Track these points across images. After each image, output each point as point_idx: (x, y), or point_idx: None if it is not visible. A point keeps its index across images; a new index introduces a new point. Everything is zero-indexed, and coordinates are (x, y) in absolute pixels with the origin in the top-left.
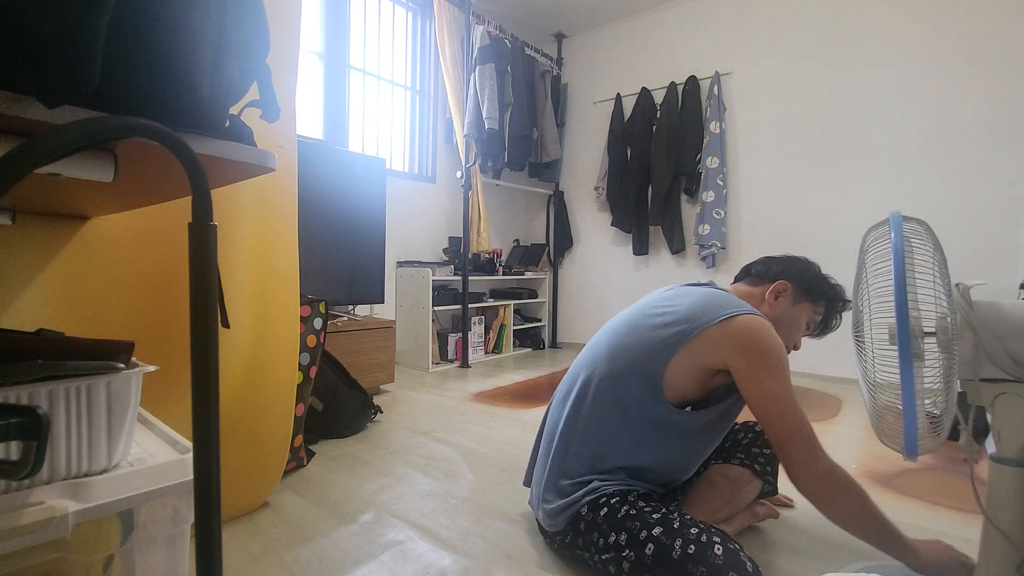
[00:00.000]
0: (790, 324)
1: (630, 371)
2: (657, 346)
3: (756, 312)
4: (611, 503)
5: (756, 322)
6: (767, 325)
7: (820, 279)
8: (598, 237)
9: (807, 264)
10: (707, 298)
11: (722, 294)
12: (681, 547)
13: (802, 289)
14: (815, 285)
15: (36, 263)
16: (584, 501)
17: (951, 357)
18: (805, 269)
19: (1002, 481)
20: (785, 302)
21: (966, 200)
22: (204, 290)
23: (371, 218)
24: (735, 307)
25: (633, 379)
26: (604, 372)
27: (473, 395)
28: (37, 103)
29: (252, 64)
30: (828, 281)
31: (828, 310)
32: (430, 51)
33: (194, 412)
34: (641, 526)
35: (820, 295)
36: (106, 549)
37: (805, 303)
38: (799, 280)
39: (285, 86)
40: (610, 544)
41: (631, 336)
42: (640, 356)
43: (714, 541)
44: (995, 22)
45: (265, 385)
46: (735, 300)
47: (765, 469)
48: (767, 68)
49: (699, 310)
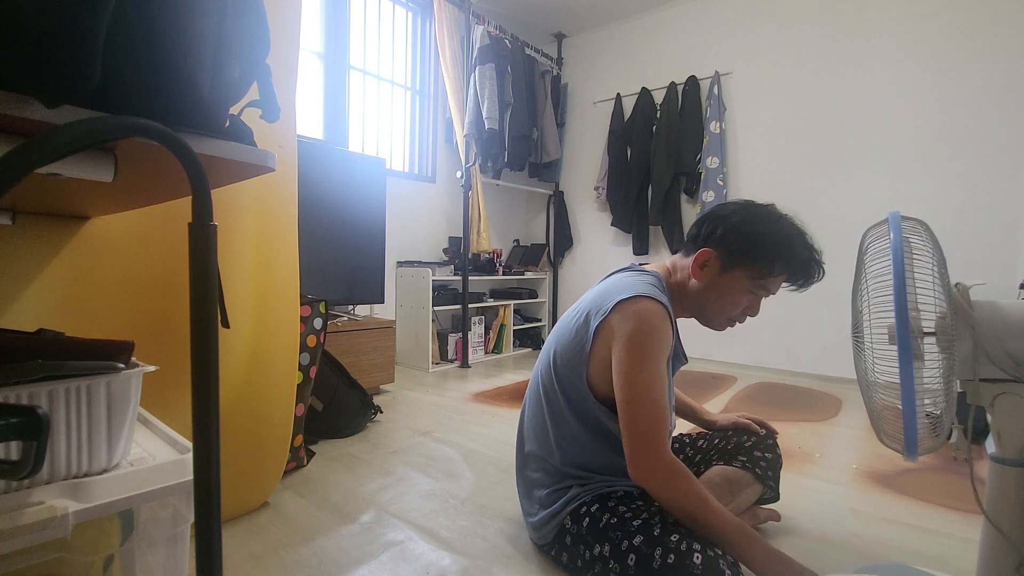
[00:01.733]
0: (718, 297)
1: (562, 376)
2: (575, 348)
3: (644, 292)
4: (591, 512)
5: (634, 307)
6: (645, 307)
7: (756, 237)
8: (598, 237)
9: (743, 218)
10: (604, 289)
11: (620, 280)
12: (661, 556)
13: (730, 253)
14: (749, 247)
15: (36, 263)
16: (566, 512)
17: (950, 357)
18: (735, 228)
19: (1002, 481)
20: (711, 272)
21: (966, 200)
22: (204, 290)
23: (371, 218)
24: (622, 292)
25: (565, 383)
26: (545, 379)
27: (473, 395)
28: (37, 103)
29: (252, 64)
30: (771, 236)
31: (777, 270)
32: (430, 51)
33: (194, 412)
34: (623, 535)
35: (755, 257)
36: (106, 549)
37: (735, 271)
38: (726, 245)
39: (285, 86)
40: (595, 556)
41: (558, 341)
42: (567, 360)
43: (693, 549)
44: (995, 22)
45: (265, 385)
46: (629, 283)
47: (767, 473)
48: (767, 68)
49: (595, 306)
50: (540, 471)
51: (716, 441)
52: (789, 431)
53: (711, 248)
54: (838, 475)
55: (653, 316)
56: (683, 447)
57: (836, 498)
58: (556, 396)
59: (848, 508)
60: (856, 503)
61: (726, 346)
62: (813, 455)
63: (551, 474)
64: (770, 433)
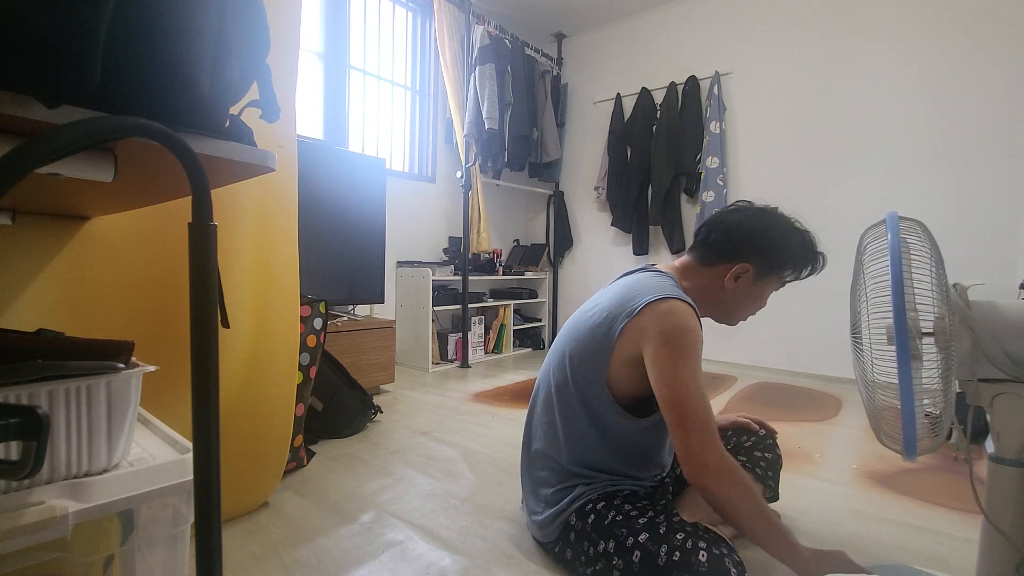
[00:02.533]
0: (753, 301)
1: (578, 375)
2: (594, 347)
3: (672, 294)
4: (597, 509)
5: (666, 306)
6: (677, 307)
7: (787, 250)
8: (598, 237)
9: (774, 232)
10: (626, 289)
11: (642, 280)
12: (666, 554)
13: (766, 265)
14: (781, 259)
15: (36, 263)
16: (571, 509)
17: (949, 357)
18: (772, 242)
19: (1001, 481)
20: (746, 283)
21: (966, 200)
22: (204, 290)
23: (371, 218)
24: (650, 293)
25: (582, 382)
26: (558, 378)
27: (473, 395)
28: (37, 103)
29: (252, 64)
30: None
31: (798, 272)
32: (430, 51)
33: (194, 412)
34: (628, 532)
35: (786, 265)
36: (106, 549)
37: (770, 278)
38: (763, 257)
39: (285, 86)
40: (600, 553)
41: (572, 341)
42: (585, 360)
43: (699, 547)
44: (995, 22)
45: (265, 385)
46: (654, 284)
47: (767, 473)
48: (767, 68)
49: (617, 306)
50: (547, 469)
51: None
52: (789, 431)
53: (748, 263)
54: (838, 475)
55: (688, 316)
56: None
57: (836, 498)
58: (570, 395)
59: (848, 508)
60: (856, 503)
61: (726, 346)
62: (813, 455)
63: (558, 473)
64: (769, 433)
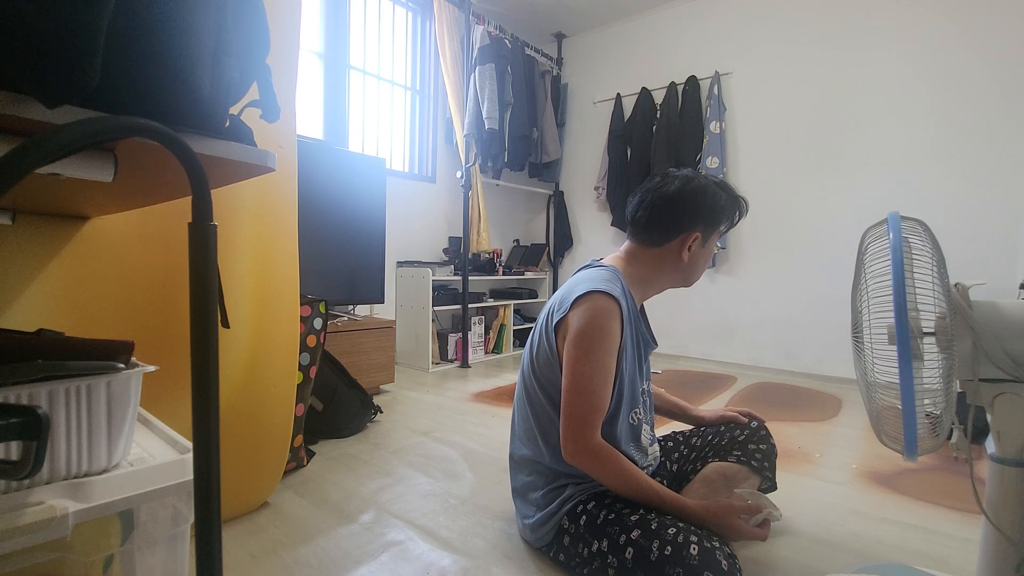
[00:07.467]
0: (705, 259)
1: (540, 375)
2: (545, 346)
3: (599, 288)
4: (588, 509)
5: (586, 303)
6: (591, 304)
7: (720, 207)
8: (598, 237)
9: (707, 196)
10: (565, 288)
11: (581, 276)
12: (658, 549)
13: (710, 227)
14: (718, 216)
15: (36, 263)
16: (563, 512)
17: (950, 357)
18: (708, 206)
19: (1002, 481)
20: (697, 247)
21: (966, 200)
22: (204, 290)
23: (371, 218)
24: (580, 289)
25: (544, 381)
26: (527, 380)
27: (473, 395)
28: (37, 103)
29: (252, 64)
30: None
31: (731, 221)
32: (430, 51)
33: (194, 412)
34: (620, 530)
35: (722, 219)
36: (106, 549)
37: (713, 235)
38: (705, 222)
39: (285, 86)
40: (593, 553)
41: (533, 342)
42: (542, 359)
43: (690, 541)
44: (995, 22)
45: (265, 385)
46: (587, 279)
47: (763, 464)
48: (767, 68)
49: (557, 305)
50: (533, 473)
51: (710, 438)
52: (789, 431)
53: (694, 230)
54: (838, 475)
55: (600, 313)
56: (677, 445)
57: (836, 498)
58: (537, 396)
59: (848, 508)
60: (856, 503)
61: (726, 346)
62: (813, 455)
63: (544, 475)
64: (761, 424)
